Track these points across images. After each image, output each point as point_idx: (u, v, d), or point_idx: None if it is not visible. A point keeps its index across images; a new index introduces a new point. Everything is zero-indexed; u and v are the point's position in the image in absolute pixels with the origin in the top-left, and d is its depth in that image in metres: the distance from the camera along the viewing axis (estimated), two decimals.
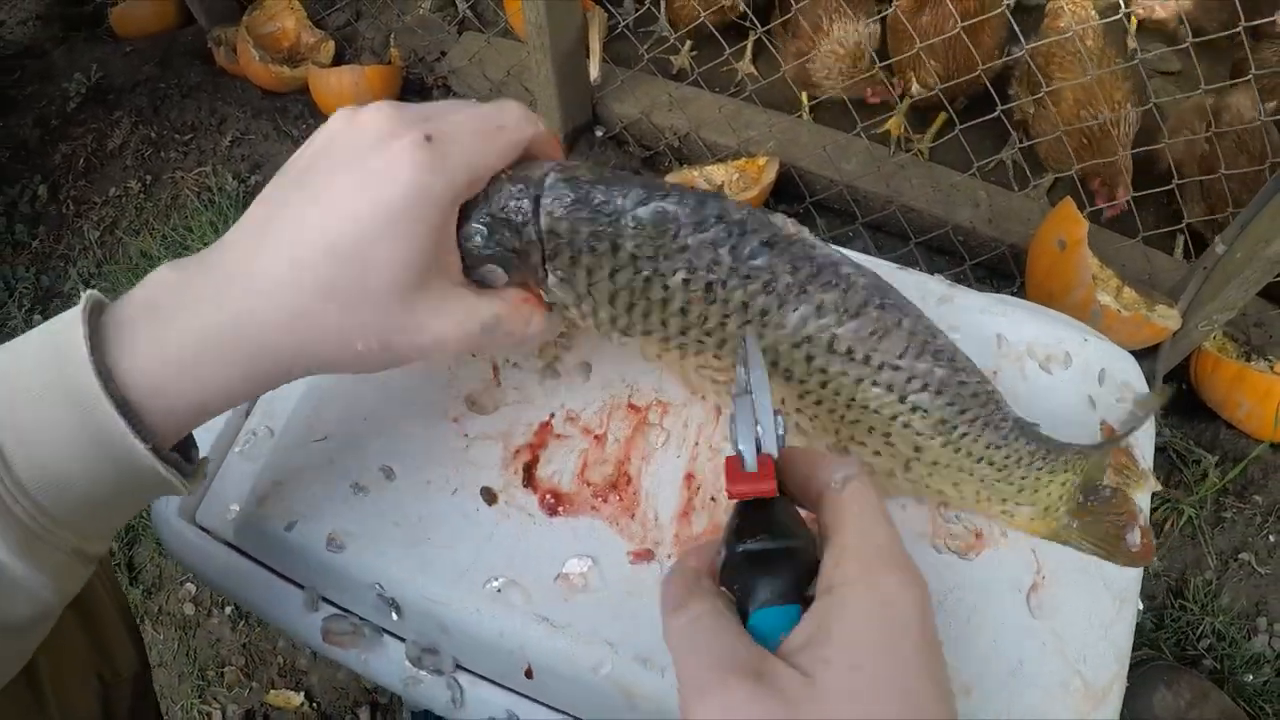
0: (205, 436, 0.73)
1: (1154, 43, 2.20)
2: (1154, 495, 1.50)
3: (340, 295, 0.49)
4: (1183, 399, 1.81)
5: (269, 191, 0.52)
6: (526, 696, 0.66)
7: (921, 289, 0.78)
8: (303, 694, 1.61)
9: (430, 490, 0.69)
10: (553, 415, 0.71)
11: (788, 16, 1.99)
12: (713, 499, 0.68)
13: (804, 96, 2.10)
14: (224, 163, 2.24)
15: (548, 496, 0.68)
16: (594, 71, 2.09)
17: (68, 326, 0.47)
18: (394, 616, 0.67)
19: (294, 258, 0.49)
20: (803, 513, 0.48)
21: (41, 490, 0.46)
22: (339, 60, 2.45)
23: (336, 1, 2.55)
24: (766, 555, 0.44)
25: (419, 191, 0.49)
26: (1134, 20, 2.18)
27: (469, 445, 0.70)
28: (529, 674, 0.64)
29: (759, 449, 0.47)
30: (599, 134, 2.21)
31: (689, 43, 2.24)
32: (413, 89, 2.39)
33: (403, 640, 0.68)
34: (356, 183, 0.49)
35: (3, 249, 2.17)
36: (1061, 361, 0.76)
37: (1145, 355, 1.70)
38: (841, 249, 0.63)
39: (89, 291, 0.49)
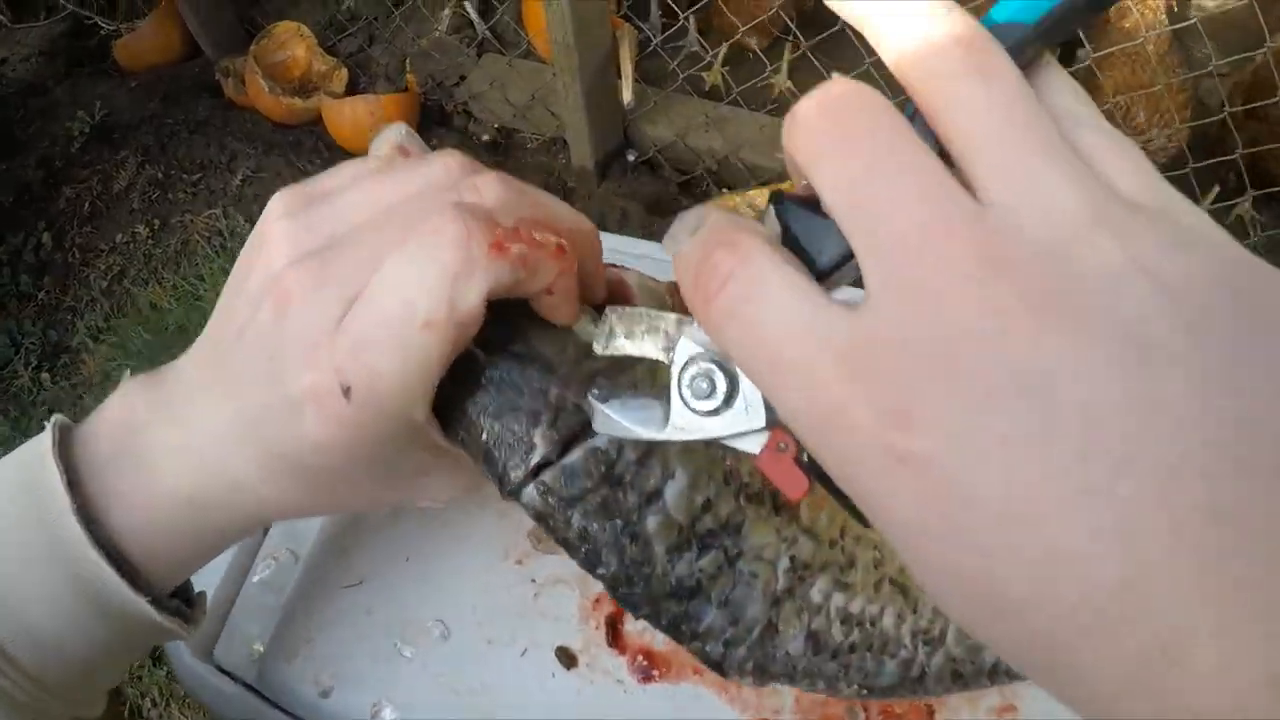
0: (214, 561, 0.62)
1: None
2: None
3: (323, 493, 0.44)
4: None
5: (214, 325, 0.44)
6: None
7: None
8: None
9: (493, 651, 0.58)
10: None
11: None
12: None
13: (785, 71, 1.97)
14: (235, 204, 2.13)
15: (639, 658, 0.57)
16: (627, 94, 1.97)
17: (40, 467, 0.41)
18: None
19: (262, 460, 0.42)
20: None
21: (31, 659, 0.41)
22: (353, 88, 2.36)
23: (348, 27, 2.45)
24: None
25: (349, 451, 0.40)
26: None
27: (538, 593, 0.59)
28: None
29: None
30: (631, 159, 2.10)
31: (721, 56, 2.12)
32: (432, 116, 2.28)
33: None
34: (287, 410, 0.39)
35: (7, 301, 2.08)
36: None
37: None
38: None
39: (55, 418, 0.44)
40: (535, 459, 0.39)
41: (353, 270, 0.38)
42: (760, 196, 1.88)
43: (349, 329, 0.37)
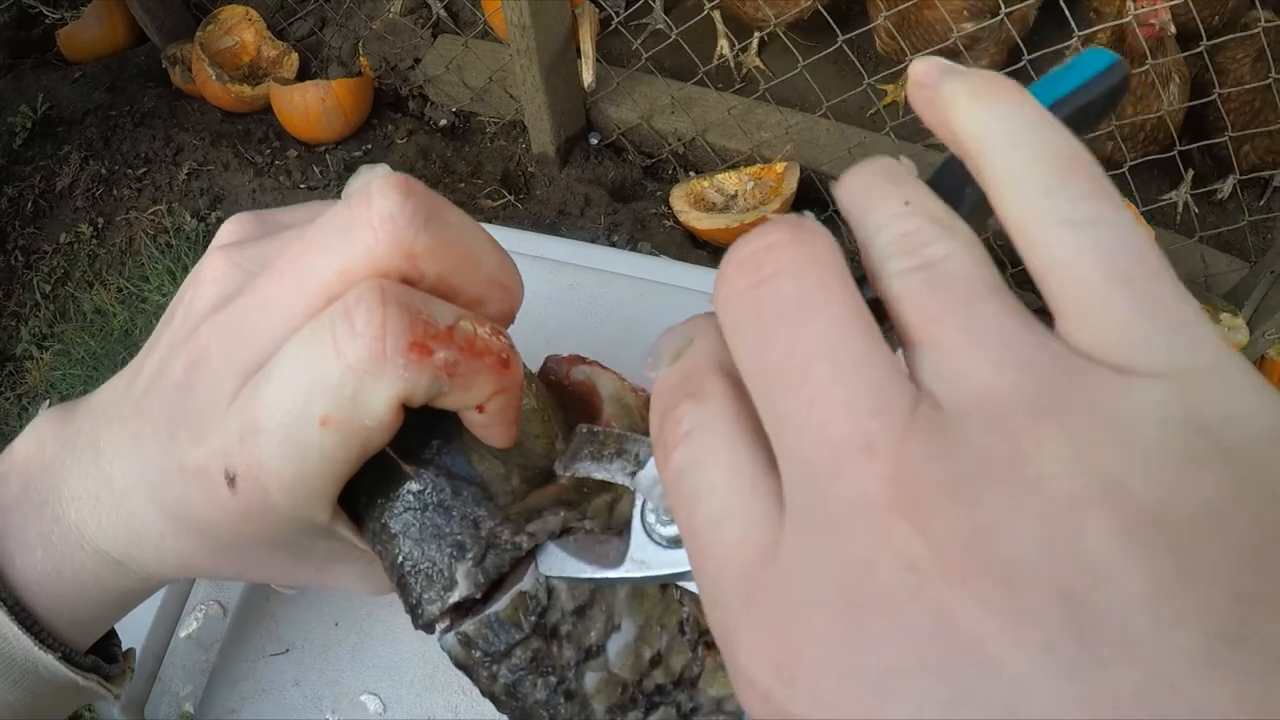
0: (140, 614, 0.58)
1: None
2: None
3: (226, 563, 0.39)
4: None
5: (138, 357, 0.39)
6: None
7: None
8: None
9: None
10: None
11: None
12: None
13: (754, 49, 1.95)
14: (181, 199, 2.05)
15: None
16: (587, 76, 1.90)
17: None
18: None
19: (163, 519, 0.37)
20: None
21: None
22: (304, 74, 2.27)
23: (298, 10, 2.36)
24: None
25: (241, 533, 0.35)
26: None
27: None
28: None
29: None
30: (594, 142, 2.04)
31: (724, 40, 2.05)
32: (386, 101, 2.20)
33: None
34: (179, 479, 0.35)
35: None
36: None
37: None
38: None
39: None
40: (454, 598, 0.33)
41: (266, 330, 0.33)
42: (729, 180, 1.83)
43: (241, 409, 0.32)
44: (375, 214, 0.32)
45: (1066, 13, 1.47)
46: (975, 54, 1.68)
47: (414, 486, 0.34)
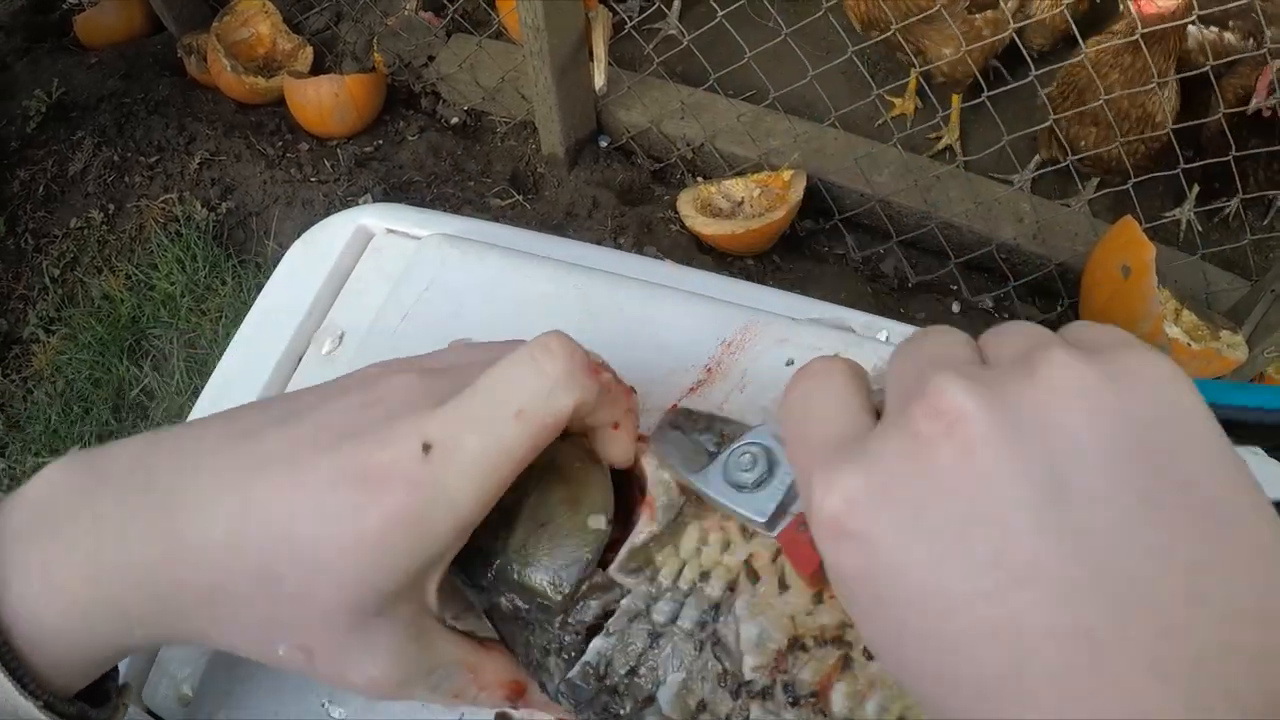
0: None
1: None
2: None
3: (273, 587, 0.38)
4: None
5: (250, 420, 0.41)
6: None
7: None
8: None
9: (429, 713, 0.53)
10: None
11: None
12: None
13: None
14: (192, 188, 2.06)
15: None
16: (599, 79, 1.91)
17: None
18: None
19: (241, 528, 0.38)
20: None
21: None
22: (319, 68, 2.29)
23: (315, 4, 2.38)
24: None
25: (409, 516, 0.38)
26: None
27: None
28: None
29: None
30: (603, 145, 2.04)
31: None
32: (399, 98, 2.21)
33: None
34: (341, 476, 0.38)
35: None
36: None
37: None
38: None
39: None
40: (556, 682, 0.45)
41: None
42: (736, 186, 1.85)
43: (441, 411, 0.39)
44: None
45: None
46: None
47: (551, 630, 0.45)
